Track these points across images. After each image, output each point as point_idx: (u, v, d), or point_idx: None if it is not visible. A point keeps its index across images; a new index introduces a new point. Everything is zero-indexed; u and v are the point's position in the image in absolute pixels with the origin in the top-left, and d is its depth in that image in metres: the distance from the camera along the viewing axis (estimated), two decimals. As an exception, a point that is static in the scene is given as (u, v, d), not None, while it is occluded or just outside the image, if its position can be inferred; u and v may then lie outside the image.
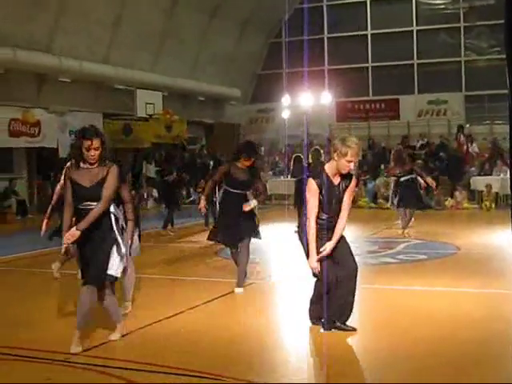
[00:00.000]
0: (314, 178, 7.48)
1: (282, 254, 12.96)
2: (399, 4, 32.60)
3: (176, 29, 28.46)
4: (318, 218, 7.44)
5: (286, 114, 28.08)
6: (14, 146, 24.29)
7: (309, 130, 25.95)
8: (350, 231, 8.49)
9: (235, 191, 9.84)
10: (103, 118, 27.00)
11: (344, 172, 7.43)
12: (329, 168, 7.52)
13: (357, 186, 10.33)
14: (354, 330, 7.53)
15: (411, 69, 32.46)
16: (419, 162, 22.73)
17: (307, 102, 26.36)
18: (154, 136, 27.67)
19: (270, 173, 29.04)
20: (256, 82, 35.48)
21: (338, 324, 7.55)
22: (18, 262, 13.51)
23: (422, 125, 31.24)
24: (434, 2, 32.06)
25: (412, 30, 32.35)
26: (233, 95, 33.60)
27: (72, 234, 6.72)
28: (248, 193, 9.92)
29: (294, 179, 18.18)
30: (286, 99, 27.97)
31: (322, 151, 16.06)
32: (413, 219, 16.24)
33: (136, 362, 6.49)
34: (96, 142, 6.77)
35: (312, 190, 7.41)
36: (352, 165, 7.40)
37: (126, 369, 6.33)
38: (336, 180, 7.48)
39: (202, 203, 10.18)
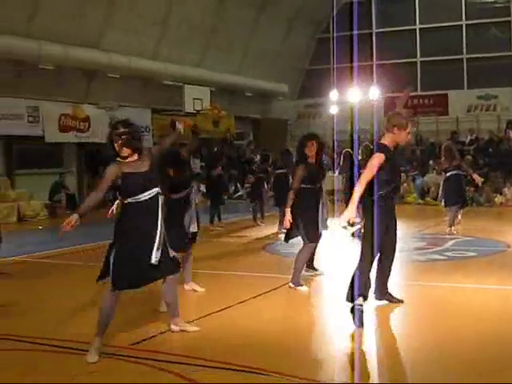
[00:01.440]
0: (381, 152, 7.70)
1: (332, 250, 12.90)
2: (448, -2, 32.32)
3: (224, 24, 28.54)
4: (381, 192, 7.68)
5: (334, 110, 27.98)
6: (64, 141, 24.59)
7: (357, 126, 25.80)
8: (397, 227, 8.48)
9: (312, 186, 9.90)
10: (152, 113, 27.24)
11: (403, 144, 8.04)
12: (389, 143, 7.84)
13: None
14: (401, 301, 8.23)
15: (460, 63, 32.15)
16: (468, 157, 22.52)
17: (355, 97, 26.25)
18: (201, 131, 27.75)
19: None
20: (304, 77, 35.43)
21: (389, 293, 8.25)
22: (71, 256, 13.64)
23: (471, 120, 30.93)
24: (483, -5, 31.74)
25: (461, 24, 32.03)
26: (280, 90, 33.59)
27: None
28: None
29: (341, 175, 18.18)
30: (334, 94, 27.90)
31: (371, 147, 15.98)
32: (459, 216, 16.08)
33: (184, 356, 6.53)
34: None
35: (377, 163, 7.53)
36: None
37: (175, 362, 6.35)
38: None
39: (288, 218, 9.61)
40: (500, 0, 31.19)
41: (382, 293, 8.35)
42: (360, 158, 15.78)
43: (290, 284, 9.69)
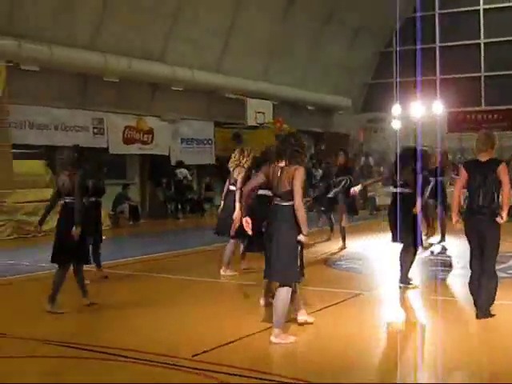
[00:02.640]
0: None
1: (385, 265, 12.74)
2: (513, 12, 31.88)
3: (287, 37, 28.56)
4: None
5: (397, 124, 27.75)
6: (128, 153, 24.85)
7: (419, 141, 25.54)
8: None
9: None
10: (214, 126, 27.36)
11: None
12: None
13: None
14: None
15: (526, 78, 31.70)
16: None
17: (418, 111, 26.02)
18: (264, 145, 27.77)
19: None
20: (366, 91, 35.28)
21: None
22: (134, 266, 13.74)
23: (538, 135, 30.41)
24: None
25: (527, 39, 31.61)
26: (342, 104, 33.49)
27: None
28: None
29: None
30: (396, 109, 27.69)
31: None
32: None
33: (242, 369, 6.50)
34: None
35: None
36: None
37: (232, 374, 6.33)
38: None
39: None
40: None
41: None
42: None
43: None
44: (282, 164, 7.50)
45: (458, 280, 11.21)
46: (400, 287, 10.66)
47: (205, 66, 25.70)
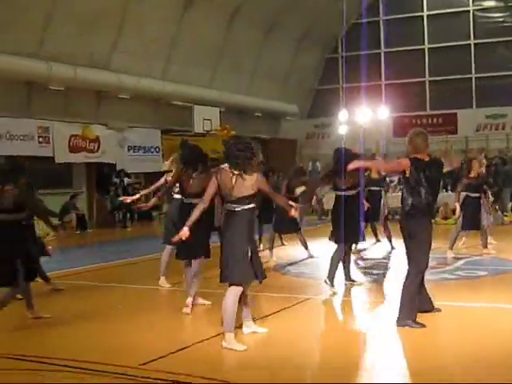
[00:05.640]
0: None
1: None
2: (456, 18, 32.37)
3: (233, 45, 28.64)
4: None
5: (343, 130, 27.95)
6: (74, 162, 24.61)
7: (365, 146, 25.81)
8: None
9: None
10: (162, 134, 27.28)
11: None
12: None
13: None
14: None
15: (469, 83, 32.21)
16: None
17: (364, 117, 26.24)
18: (211, 151, 27.78)
19: (326, 188, 28.90)
20: (313, 97, 35.47)
21: None
22: (82, 276, 13.62)
23: (481, 139, 30.86)
24: (491, 15, 31.81)
25: (469, 44, 32.09)
26: (289, 110, 33.64)
27: None
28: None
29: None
30: (343, 114, 27.88)
31: None
32: (464, 238, 15.85)
33: (195, 376, 6.44)
34: None
35: None
36: None
37: (181, 382, 6.31)
38: None
39: None
40: (508, 19, 31.20)
41: None
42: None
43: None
44: (236, 172, 7.57)
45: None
46: (345, 284, 10.92)
47: (151, 73, 25.63)
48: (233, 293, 7.54)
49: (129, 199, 11.27)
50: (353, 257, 13.14)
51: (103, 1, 22.60)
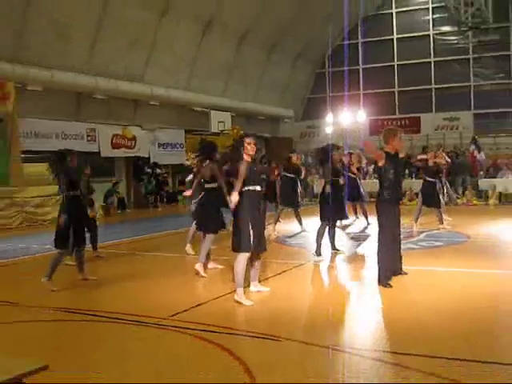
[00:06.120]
0: None
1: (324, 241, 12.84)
2: (419, 40, 32.17)
3: (242, 62, 28.57)
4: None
5: (329, 130, 27.88)
6: (116, 156, 24.62)
7: (347, 142, 25.74)
8: (376, 223, 8.53)
9: None
10: (185, 133, 27.28)
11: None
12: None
13: None
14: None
15: (430, 92, 32.07)
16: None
17: (346, 119, 26.18)
18: (223, 147, 27.76)
19: (317, 176, 28.89)
20: (305, 103, 35.40)
21: None
22: (124, 246, 13.64)
23: (439, 137, 30.74)
24: (448, 38, 31.63)
25: (430, 61, 31.95)
26: (286, 114, 33.56)
27: None
28: None
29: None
30: (329, 117, 27.81)
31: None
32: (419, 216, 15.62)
33: (213, 325, 6.46)
34: None
35: None
36: None
37: (205, 331, 6.32)
38: None
39: None
40: (461, 41, 31.02)
41: None
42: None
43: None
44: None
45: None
46: (331, 252, 10.95)
47: (176, 85, 25.55)
48: (241, 258, 7.52)
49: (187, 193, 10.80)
50: (339, 231, 13.18)
51: (138, 26, 22.52)
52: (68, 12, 19.93)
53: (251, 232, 7.43)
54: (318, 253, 10.70)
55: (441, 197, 15.18)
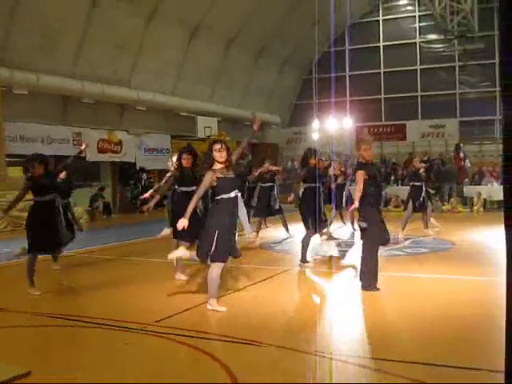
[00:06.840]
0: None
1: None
2: (406, 48, 32.38)
3: (228, 68, 28.62)
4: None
5: (315, 136, 27.97)
6: (102, 160, 24.57)
7: (333, 149, 25.82)
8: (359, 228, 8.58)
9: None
10: (171, 138, 27.26)
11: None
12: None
13: None
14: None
15: (416, 99, 32.25)
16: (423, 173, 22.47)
17: (332, 126, 26.28)
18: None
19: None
20: (292, 110, 35.49)
21: None
22: (108, 252, 13.60)
23: (425, 145, 30.95)
24: (434, 46, 31.86)
25: (416, 69, 32.16)
26: (273, 121, 33.61)
27: None
28: None
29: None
30: (316, 124, 27.90)
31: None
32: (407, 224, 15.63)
33: (196, 331, 6.49)
34: None
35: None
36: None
37: (189, 336, 6.33)
38: None
39: None
40: (447, 50, 31.25)
41: None
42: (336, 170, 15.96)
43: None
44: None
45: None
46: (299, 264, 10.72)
47: (163, 90, 25.57)
48: (215, 267, 7.33)
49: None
50: (325, 237, 13.28)
51: (125, 31, 22.52)
52: (56, 15, 19.91)
53: (215, 240, 7.11)
54: (305, 260, 10.71)
55: (428, 203, 15.37)
